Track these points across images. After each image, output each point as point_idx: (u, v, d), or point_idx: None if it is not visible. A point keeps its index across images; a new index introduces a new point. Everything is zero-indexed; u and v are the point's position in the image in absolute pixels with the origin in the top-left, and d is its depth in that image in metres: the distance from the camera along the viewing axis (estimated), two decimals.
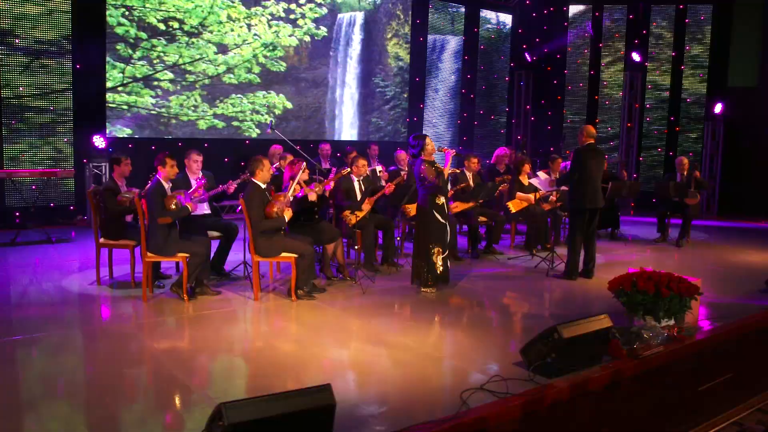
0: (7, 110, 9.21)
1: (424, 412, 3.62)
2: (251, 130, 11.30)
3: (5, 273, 6.82)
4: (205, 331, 5.10)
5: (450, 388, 3.97)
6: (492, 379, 3.97)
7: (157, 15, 10.20)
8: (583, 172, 7.03)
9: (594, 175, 7.04)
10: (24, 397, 3.86)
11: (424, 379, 4.20)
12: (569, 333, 4.14)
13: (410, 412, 3.63)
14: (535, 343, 4.28)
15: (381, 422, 3.54)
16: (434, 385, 4.11)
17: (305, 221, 6.64)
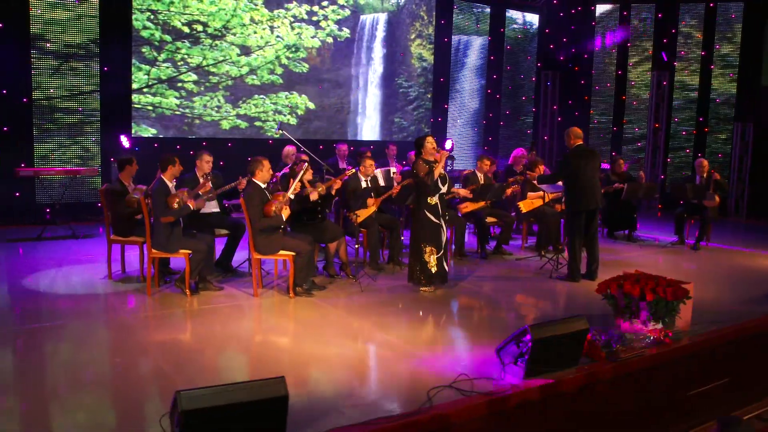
0: (38, 111, 9.61)
1: (387, 408, 3.72)
2: (273, 130, 11.52)
3: (27, 266, 7.16)
4: (200, 325, 5.30)
5: (421, 384, 4.05)
6: (459, 377, 4.05)
7: (182, 18, 10.50)
8: (573, 174, 7.03)
9: (587, 176, 7.00)
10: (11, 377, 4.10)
11: (397, 376, 4.30)
12: (541, 334, 4.18)
13: (375, 407, 3.74)
14: (508, 343, 4.33)
15: (343, 415, 3.65)
16: (405, 382, 4.20)
17: (308, 220, 6.80)
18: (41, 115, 9.65)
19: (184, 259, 6.02)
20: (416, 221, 6.46)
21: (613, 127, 13.98)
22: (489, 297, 6.54)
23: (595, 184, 7.10)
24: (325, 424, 3.53)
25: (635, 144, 13.78)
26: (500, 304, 6.33)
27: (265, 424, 3.22)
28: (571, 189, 7.13)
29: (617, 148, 13.87)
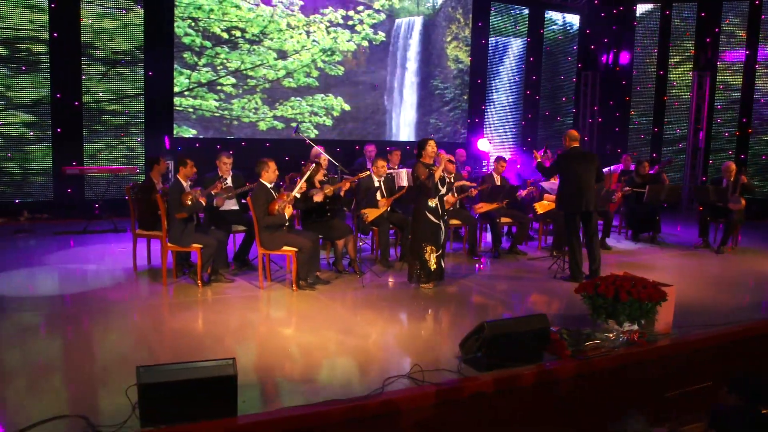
0: (87, 114, 10.36)
1: (341, 394, 4.03)
2: (310, 131, 11.98)
3: (65, 256, 7.82)
4: (200, 312, 5.76)
5: (385, 374, 4.33)
6: (413, 368, 4.31)
7: (221, 25, 11.06)
8: (564, 176, 7.15)
9: (578, 178, 7.08)
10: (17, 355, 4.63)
11: (363, 365, 4.60)
12: (496, 330, 4.41)
13: (331, 392, 4.05)
14: (469, 338, 4.57)
15: (297, 396, 3.99)
16: (369, 371, 4.49)
17: (317, 218, 7.18)
18: (90, 117, 10.39)
19: (197, 252, 6.49)
20: (417, 221, 6.73)
21: (654, 128, 13.80)
22: (485, 295, 6.75)
23: (587, 186, 7.14)
24: (277, 404, 3.87)
25: (676, 145, 13.56)
26: (493, 303, 6.53)
27: (216, 399, 3.59)
28: (562, 190, 7.29)
29: (657, 149, 13.69)
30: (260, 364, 4.63)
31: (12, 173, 10.00)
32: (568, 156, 7.17)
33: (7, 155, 9.91)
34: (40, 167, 10.14)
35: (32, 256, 7.81)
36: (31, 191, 10.14)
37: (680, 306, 5.90)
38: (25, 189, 10.10)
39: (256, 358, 4.80)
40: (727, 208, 9.19)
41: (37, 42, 9.90)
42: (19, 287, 6.47)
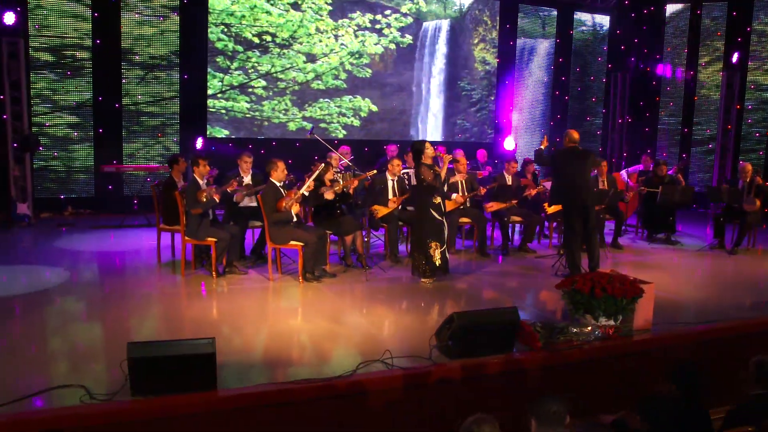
0: (126, 115, 11.04)
1: (317, 374, 4.43)
2: (338, 131, 12.43)
3: (100, 249, 8.48)
4: (209, 301, 6.26)
5: (360, 359, 4.70)
6: (384, 353, 4.67)
7: (252, 30, 11.61)
8: (561, 173, 7.38)
9: (571, 175, 7.29)
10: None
11: (343, 351, 5.01)
12: (464, 320, 4.74)
13: (308, 372, 4.45)
14: (442, 328, 4.91)
15: (279, 374, 4.42)
16: (347, 356, 4.88)
17: (327, 215, 7.61)
18: (129, 118, 11.07)
19: (211, 245, 6.99)
20: (422, 219, 7.07)
21: (684, 128, 13.74)
22: (482, 290, 7.05)
23: (580, 183, 7.33)
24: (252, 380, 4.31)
25: (706, 146, 13.48)
26: (488, 297, 6.82)
27: (196, 374, 4.04)
28: (554, 187, 7.55)
29: (687, 149, 13.63)
30: (250, 346, 5.09)
31: (57, 171, 10.76)
32: (561, 153, 7.41)
33: (53, 154, 10.67)
34: (82, 165, 10.88)
35: (71, 248, 8.48)
36: (74, 188, 10.89)
37: (673, 304, 6.13)
38: (69, 185, 10.85)
39: (248, 340, 5.25)
40: (742, 209, 9.22)
41: (81, 49, 10.61)
42: (56, 276, 7.10)
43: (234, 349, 4.90)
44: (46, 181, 10.69)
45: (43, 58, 10.41)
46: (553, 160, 7.61)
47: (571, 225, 7.44)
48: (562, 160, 7.41)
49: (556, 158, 7.58)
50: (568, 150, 7.45)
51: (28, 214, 9.93)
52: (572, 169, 7.33)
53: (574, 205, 7.32)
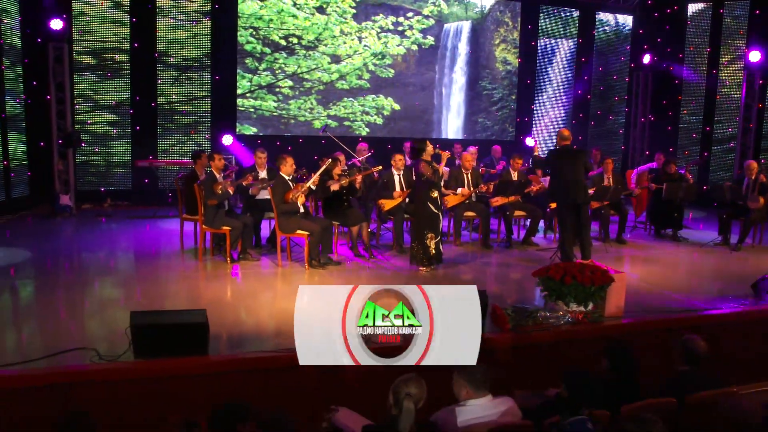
0: (161, 114, 11.82)
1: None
2: (361, 129, 12.99)
3: (134, 235, 9.25)
4: (218, 282, 6.89)
5: None
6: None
7: (279, 33, 12.25)
8: (553, 172, 7.76)
9: (567, 173, 7.65)
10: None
11: None
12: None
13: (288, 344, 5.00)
14: None
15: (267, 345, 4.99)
16: None
17: (335, 206, 8.17)
18: (164, 116, 11.85)
19: (226, 234, 7.63)
20: (420, 211, 7.56)
21: (706, 127, 13.84)
22: (474, 278, 7.50)
23: (574, 181, 7.69)
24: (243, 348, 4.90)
25: (727, 144, 13.56)
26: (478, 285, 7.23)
27: (190, 341, 4.64)
28: (551, 184, 7.95)
29: (707, 148, 13.74)
30: (248, 320, 5.70)
31: (97, 165, 11.60)
32: (555, 153, 7.79)
33: (93, 150, 11.52)
34: (120, 160, 11.70)
35: (108, 236, 9.28)
36: (113, 181, 11.73)
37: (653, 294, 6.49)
38: (108, 179, 11.69)
39: (247, 315, 5.86)
40: (746, 206, 9.41)
41: (120, 52, 11.42)
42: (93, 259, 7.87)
43: (233, 322, 5.51)
44: (87, 175, 11.54)
45: (85, 61, 11.25)
46: (548, 161, 7.99)
47: (563, 220, 7.83)
48: (556, 160, 7.79)
49: (551, 158, 7.96)
50: (561, 149, 7.82)
51: (70, 206, 10.77)
52: (565, 168, 7.70)
53: (566, 202, 7.69)
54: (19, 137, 10.61)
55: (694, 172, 13.77)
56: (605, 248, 9.05)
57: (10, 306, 6.38)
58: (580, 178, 7.75)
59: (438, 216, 7.52)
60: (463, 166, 9.14)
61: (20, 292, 6.81)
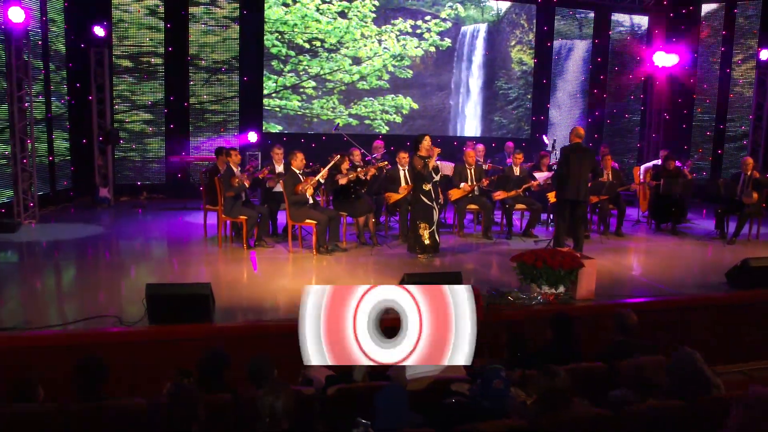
0: (192, 113, 12.71)
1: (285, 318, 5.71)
2: (381, 127, 13.68)
3: (163, 225, 10.14)
4: (233, 265, 7.68)
5: None
6: None
7: (303, 37, 13.02)
8: (566, 169, 8.24)
9: (576, 171, 8.17)
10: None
11: None
12: (412, 279, 5.88)
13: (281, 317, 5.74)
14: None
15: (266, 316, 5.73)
16: None
17: (343, 198, 8.88)
18: (195, 115, 12.74)
19: (242, 222, 8.41)
20: (414, 204, 8.23)
21: (719, 124, 14.12)
22: (466, 265, 8.11)
23: (582, 179, 8.25)
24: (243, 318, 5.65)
25: (740, 142, 13.82)
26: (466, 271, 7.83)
27: (196, 309, 5.40)
28: (559, 180, 8.41)
29: (720, 145, 14.02)
30: (251, 295, 6.45)
31: (134, 161, 12.56)
32: (569, 151, 8.27)
33: (131, 146, 12.48)
34: (155, 156, 12.63)
35: (142, 225, 10.21)
36: (148, 175, 12.67)
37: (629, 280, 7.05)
38: (144, 174, 12.64)
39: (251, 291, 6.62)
40: (741, 201, 9.79)
41: (155, 55, 12.35)
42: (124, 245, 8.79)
43: (237, 296, 6.28)
44: (125, 170, 12.50)
45: (123, 64, 12.20)
46: (564, 156, 8.44)
47: (562, 212, 8.36)
48: (569, 158, 8.25)
49: (567, 153, 8.41)
50: (574, 146, 8.31)
51: (108, 198, 11.74)
52: (575, 165, 8.20)
53: (572, 197, 8.18)
54: (63, 135, 11.63)
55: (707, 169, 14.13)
56: (601, 240, 9.58)
57: (53, 280, 7.33)
58: (586, 176, 8.26)
59: (431, 207, 8.14)
60: (466, 162, 9.74)
61: (63, 269, 7.82)
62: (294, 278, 7.41)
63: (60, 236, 9.21)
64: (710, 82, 14.31)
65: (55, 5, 11.19)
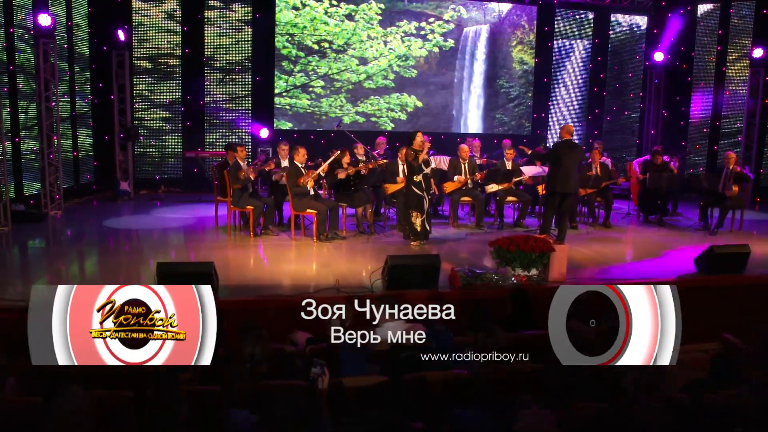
0: (208, 110, 13.48)
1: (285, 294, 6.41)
2: (387, 124, 14.34)
3: (179, 216, 10.90)
4: (240, 250, 8.40)
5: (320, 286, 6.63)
6: (336, 282, 6.58)
7: (312, 38, 13.72)
8: (557, 163, 8.82)
9: (566, 165, 8.74)
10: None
11: (313, 281, 6.95)
12: (395, 262, 6.55)
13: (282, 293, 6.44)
14: (383, 268, 6.74)
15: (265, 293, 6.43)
16: (314, 285, 6.80)
17: (344, 191, 9.56)
18: (210, 113, 13.51)
19: (249, 212, 9.13)
20: (406, 194, 8.86)
21: (715, 122, 14.57)
22: (454, 251, 8.73)
23: (571, 173, 8.82)
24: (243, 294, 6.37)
25: (735, 138, 14.26)
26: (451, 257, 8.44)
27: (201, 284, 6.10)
28: (551, 173, 8.99)
29: (716, 141, 14.48)
30: (254, 275, 7.15)
31: (153, 156, 13.37)
32: (560, 145, 8.83)
33: (150, 143, 13.28)
34: (173, 152, 13.42)
35: (158, 216, 11.00)
36: (166, 170, 13.47)
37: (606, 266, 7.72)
38: (162, 168, 13.44)
39: (254, 271, 7.32)
40: (724, 194, 10.30)
41: (172, 57, 13.13)
42: (143, 233, 9.54)
43: (243, 277, 6.99)
44: (144, 165, 13.32)
45: (143, 65, 13.00)
46: (556, 151, 8.99)
47: (550, 204, 8.94)
48: (559, 151, 8.78)
49: (558, 149, 8.93)
50: (565, 142, 8.87)
51: (128, 191, 12.56)
52: (569, 161, 8.76)
53: (562, 190, 8.73)
54: (86, 132, 12.47)
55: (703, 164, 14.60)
56: (587, 231, 10.16)
57: (77, 262, 8.11)
58: (576, 171, 8.84)
59: (422, 197, 8.75)
60: (460, 157, 10.35)
61: (88, 251, 8.66)
62: (294, 263, 8.10)
63: (83, 225, 10.02)
64: (706, 81, 14.77)
65: (79, 11, 12.00)
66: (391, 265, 6.55)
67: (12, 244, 8.92)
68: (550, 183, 8.99)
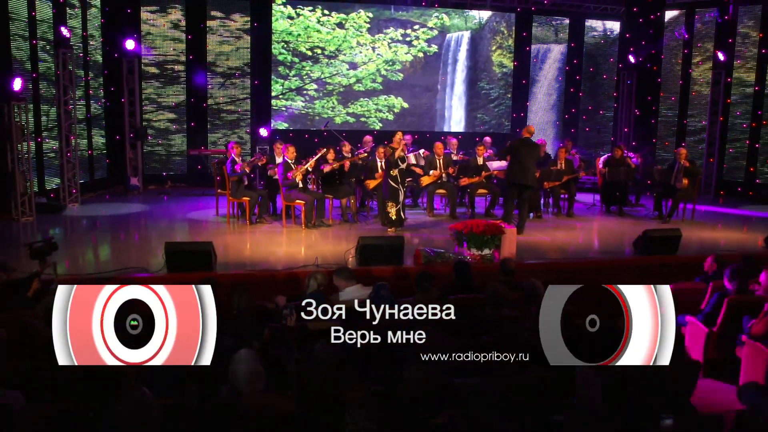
0: (210, 112, 14.67)
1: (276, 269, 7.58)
2: (375, 124, 15.49)
3: (185, 208, 12.08)
4: (236, 235, 9.59)
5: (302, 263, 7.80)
6: (315, 261, 7.75)
7: (306, 45, 14.89)
8: (514, 157, 9.94)
9: (523, 159, 9.86)
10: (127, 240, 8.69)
11: (298, 259, 8.11)
12: (366, 242, 7.72)
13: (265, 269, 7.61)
14: (356, 248, 7.90)
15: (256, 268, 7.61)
16: (298, 262, 7.97)
17: (329, 183, 10.72)
18: (213, 115, 14.70)
19: (245, 202, 10.31)
20: (384, 186, 10.02)
21: (683, 120, 15.68)
22: (424, 236, 9.86)
23: (529, 167, 9.93)
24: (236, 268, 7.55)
25: (701, 135, 15.36)
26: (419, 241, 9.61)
27: (201, 261, 7.29)
28: (509, 166, 10.12)
29: (683, 138, 15.58)
30: (248, 254, 8.33)
31: (160, 154, 14.57)
32: (517, 141, 9.93)
33: (157, 142, 14.49)
34: (179, 150, 14.62)
35: (165, 208, 12.19)
36: (172, 167, 14.67)
37: (550, 247, 8.82)
38: (168, 165, 14.65)
39: (249, 251, 8.48)
40: (675, 186, 11.41)
41: (177, 63, 14.32)
42: (151, 222, 10.75)
43: (238, 256, 8.16)
44: (152, 162, 14.52)
45: (151, 71, 14.20)
46: (513, 147, 10.08)
47: (509, 196, 10.05)
48: (517, 148, 9.87)
49: (515, 145, 10.05)
50: (524, 140, 9.97)
51: (138, 186, 13.77)
52: (525, 156, 9.85)
53: (520, 182, 9.83)
54: (100, 132, 13.68)
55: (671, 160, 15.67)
56: (551, 220, 11.31)
57: (91, 245, 9.31)
58: (533, 166, 9.96)
59: (397, 189, 9.89)
60: (436, 153, 11.50)
61: (102, 236, 9.88)
62: (284, 246, 9.28)
63: (98, 216, 11.24)
64: (674, 82, 15.87)
65: (93, 23, 13.20)
66: (362, 245, 7.71)
67: (36, 232, 10.13)
68: (508, 175, 10.12)
